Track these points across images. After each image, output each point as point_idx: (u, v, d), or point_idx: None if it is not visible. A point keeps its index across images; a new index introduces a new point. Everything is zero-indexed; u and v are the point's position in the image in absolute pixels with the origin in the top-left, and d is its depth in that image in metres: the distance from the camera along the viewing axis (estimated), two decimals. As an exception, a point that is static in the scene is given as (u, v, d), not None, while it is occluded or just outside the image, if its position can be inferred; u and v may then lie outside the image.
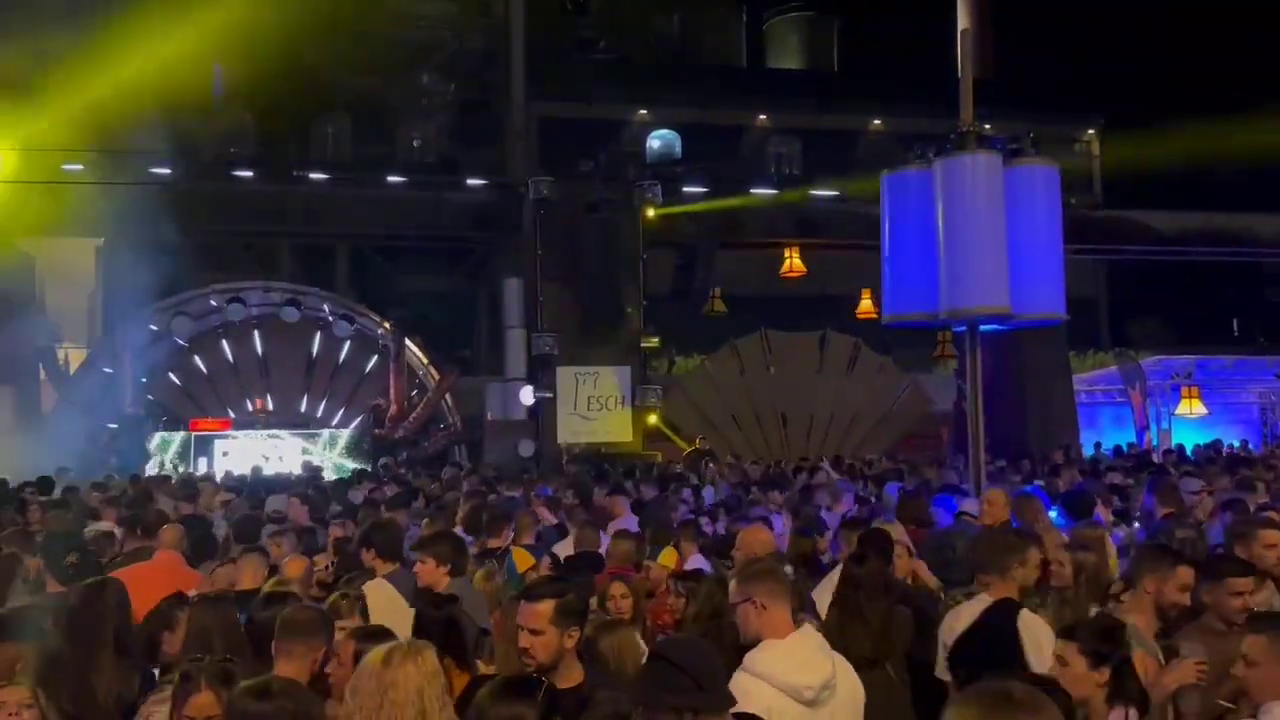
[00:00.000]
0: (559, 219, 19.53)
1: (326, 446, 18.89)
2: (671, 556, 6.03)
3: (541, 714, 2.78)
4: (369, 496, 10.38)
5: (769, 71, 32.36)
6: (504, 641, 4.60)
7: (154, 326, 19.55)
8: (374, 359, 21.17)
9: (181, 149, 21.49)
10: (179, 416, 19.64)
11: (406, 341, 20.19)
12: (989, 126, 8.53)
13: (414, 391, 20.59)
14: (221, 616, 4.04)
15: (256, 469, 16.52)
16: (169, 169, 21.33)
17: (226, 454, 18.39)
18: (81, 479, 12.70)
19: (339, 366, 21.30)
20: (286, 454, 18.55)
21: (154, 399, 20.05)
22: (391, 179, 24.05)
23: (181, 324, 19.73)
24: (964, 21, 9.56)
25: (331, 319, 20.66)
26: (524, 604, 3.48)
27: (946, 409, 19.91)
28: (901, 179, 8.19)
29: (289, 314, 19.81)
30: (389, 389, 20.03)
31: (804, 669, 3.67)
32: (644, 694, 2.86)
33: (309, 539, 7.02)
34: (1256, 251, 27.86)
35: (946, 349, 23.29)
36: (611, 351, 19.50)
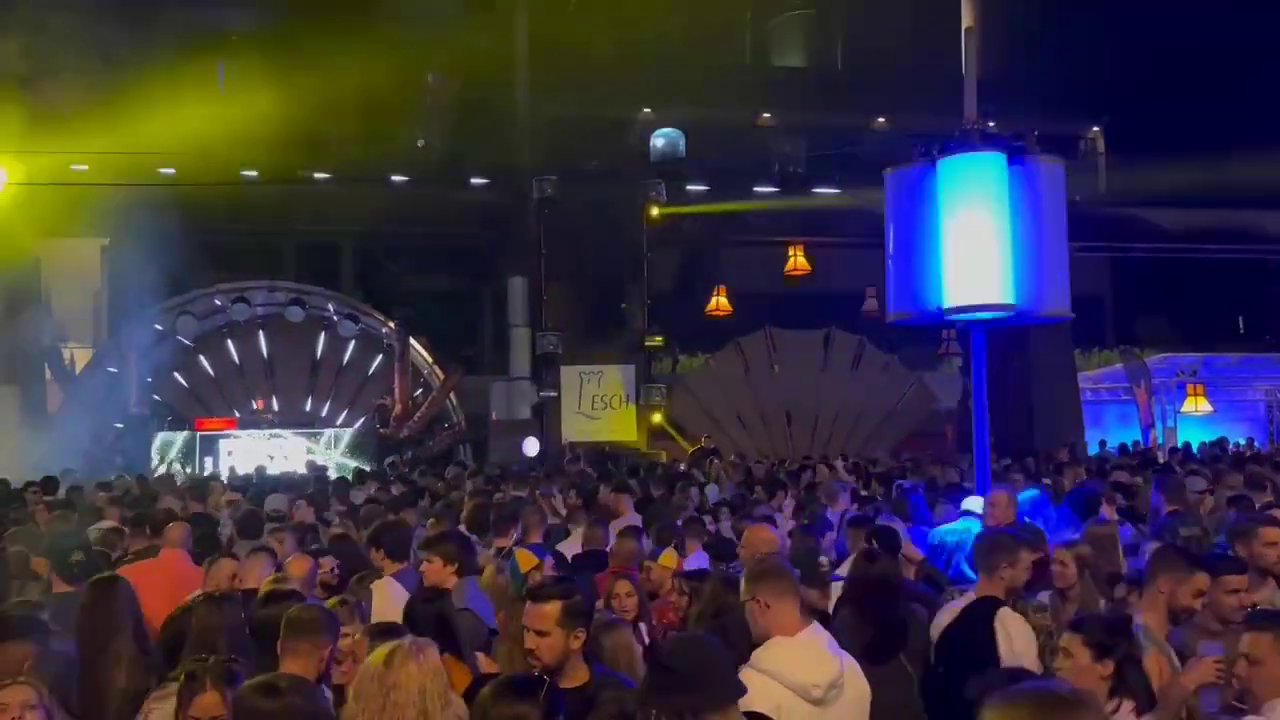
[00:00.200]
0: (563, 218, 19.54)
1: (329, 446, 18.91)
2: (671, 558, 6.02)
3: (544, 714, 2.77)
4: (371, 496, 10.37)
5: (773, 70, 32.32)
6: (507, 641, 4.60)
7: (159, 326, 19.58)
8: (379, 358, 21.19)
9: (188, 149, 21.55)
10: (184, 416, 19.67)
11: (411, 341, 20.21)
12: (993, 124, 8.50)
13: (418, 391, 20.60)
14: (226, 616, 4.03)
15: (261, 469, 16.55)
16: (174, 169, 21.36)
17: (231, 454, 18.42)
18: (86, 479, 12.73)
19: (344, 366, 21.32)
20: (290, 454, 18.57)
21: (159, 399, 20.09)
22: (396, 178, 24.05)
23: (186, 324, 19.77)
24: (968, 20, 9.52)
25: (336, 318, 20.68)
26: (530, 605, 3.48)
27: (951, 407, 19.90)
28: (905, 177, 8.16)
29: (294, 313, 19.84)
30: (394, 388, 20.05)
31: (812, 667, 3.67)
32: (644, 697, 2.86)
33: (312, 538, 7.02)
34: (1263, 249, 27.76)
35: (951, 347, 23.26)
36: (616, 350, 19.52)
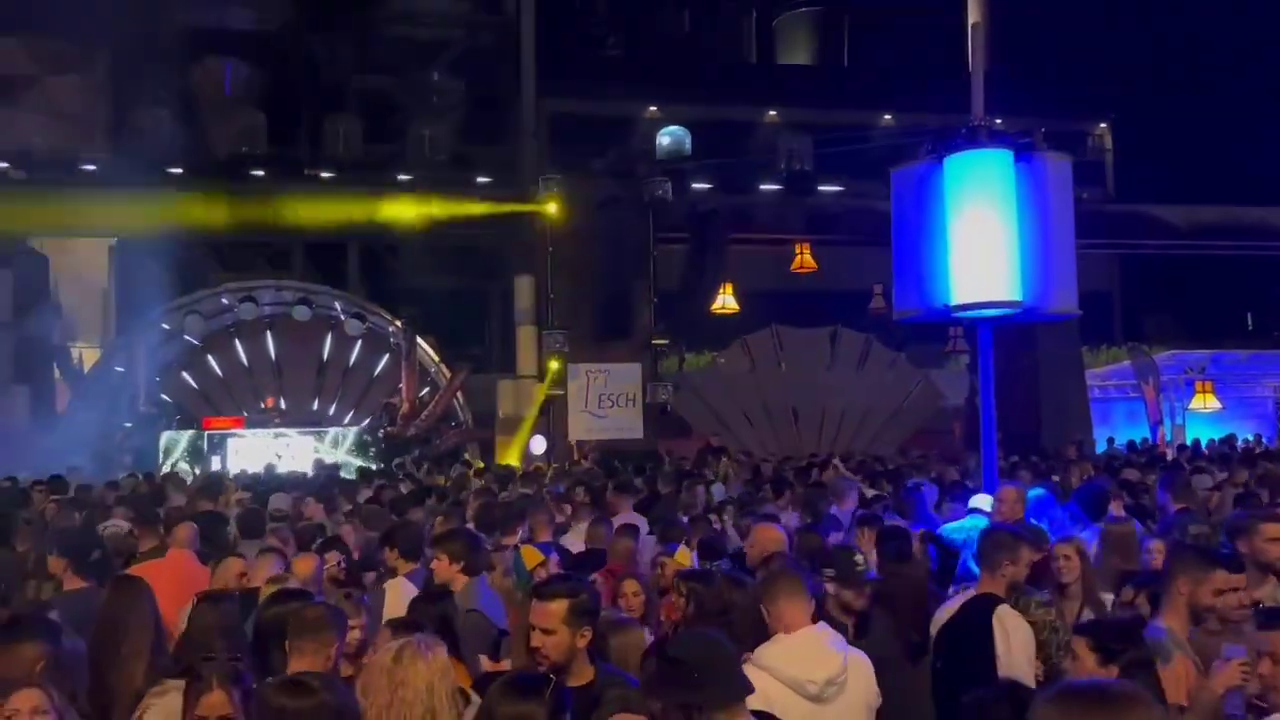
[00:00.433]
0: (570, 216, 19.55)
1: (334, 445, 18.93)
2: (686, 555, 6.03)
3: (551, 712, 2.77)
4: (375, 496, 10.37)
5: (779, 67, 32.28)
6: (520, 640, 4.61)
7: (166, 326, 19.64)
8: (385, 357, 21.23)
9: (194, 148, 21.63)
10: (192, 416, 19.73)
11: (418, 339, 20.23)
12: (1000, 121, 8.47)
13: (425, 389, 20.63)
14: (223, 615, 4.04)
15: (270, 467, 16.59)
16: (182, 169, 21.42)
17: (239, 453, 18.47)
18: (95, 478, 12.76)
19: (351, 365, 21.36)
20: (298, 452, 18.60)
21: (167, 398, 20.15)
22: (402, 177, 24.08)
23: (194, 323, 19.82)
24: (974, 16, 9.50)
25: (343, 317, 20.72)
26: (536, 603, 3.47)
27: (958, 404, 19.85)
28: (912, 174, 8.14)
29: (301, 312, 19.87)
30: (401, 387, 20.08)
31: (810, 663, 3.68)
32: (651, 692, 2.85)
33: (318, 536, 7.02)
34: (1271, 245, 27.64)
35: (958, 345, 23.22)
36: (622, 348, 19.51)
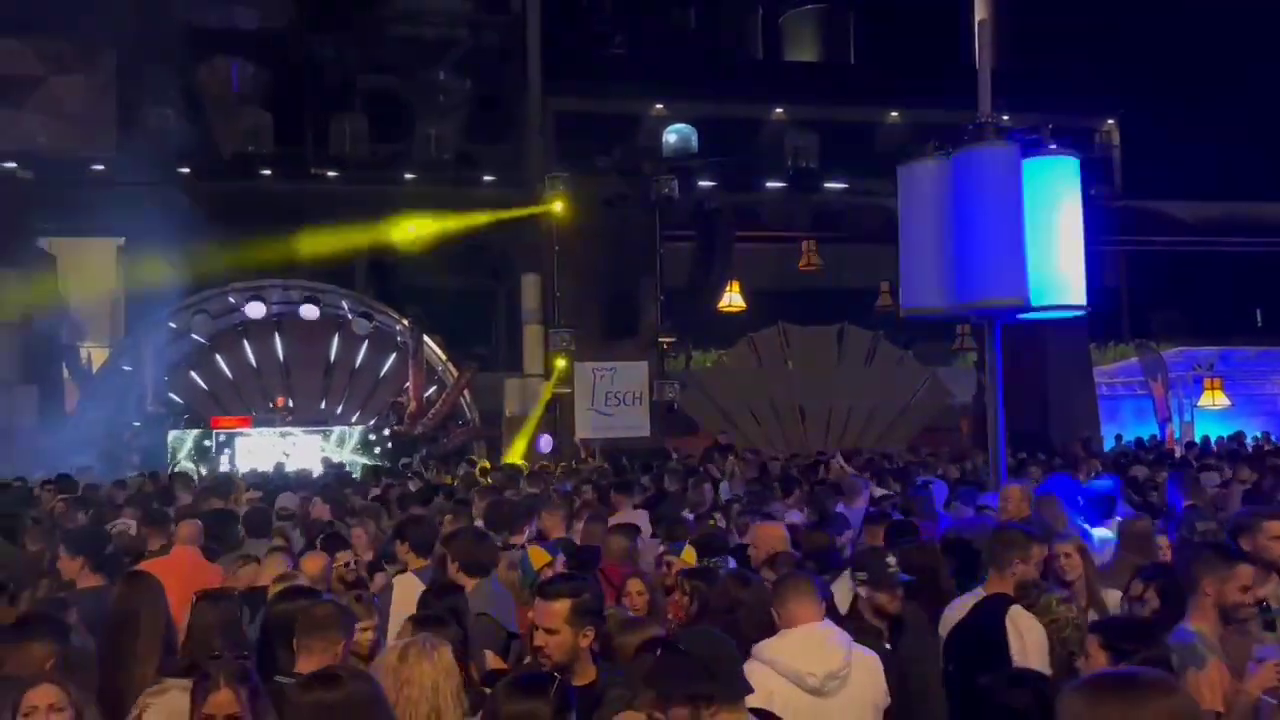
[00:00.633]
0: (576, 214, 19.55)
1: (339, 443, 18.95)
2: (692, 554, 6.03)
3: (555, 710, 2.78)
4: (382, 494, 10.37)
5: (785, 65, 32.23)
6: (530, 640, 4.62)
7: (173, 325, 19.69)
8: (393, 356, 21.26)
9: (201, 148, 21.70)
10: (200, 415, 19.78)
11: (425, 338, 20.25)
12: (1007, 118, 8.46)
13: (432, 388, 20.66)
14: (222, 614, 4.04)
15: (278, 466, 16.64)
16: (188, 169, 21.48)
17: (247, 452, 18.52)
18: (104, 478, 12.79)
19: (358, 364, 21.40)
20: (306, 451, 18.64)
21: (175, 397, 20.21)
22: (409, 176, 24.10)
23: (202, 322, 19.87)
24: (981, 12, 9.48)
25: (350, 316, 20.76)
26: (540, 602, 3.48)
27: (966, 402, 19.82)
28: (919, 171, 8.13)
29: (308, 311, 19.91)
30: (408, 386, 20.11)
31: (811, 657, 3.68)
32: (658, 684, 2.84)
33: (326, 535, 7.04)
34: (1280, 241, 27.57)
35: (965, 341, 23.16)
36: (629, 346, 19.50)
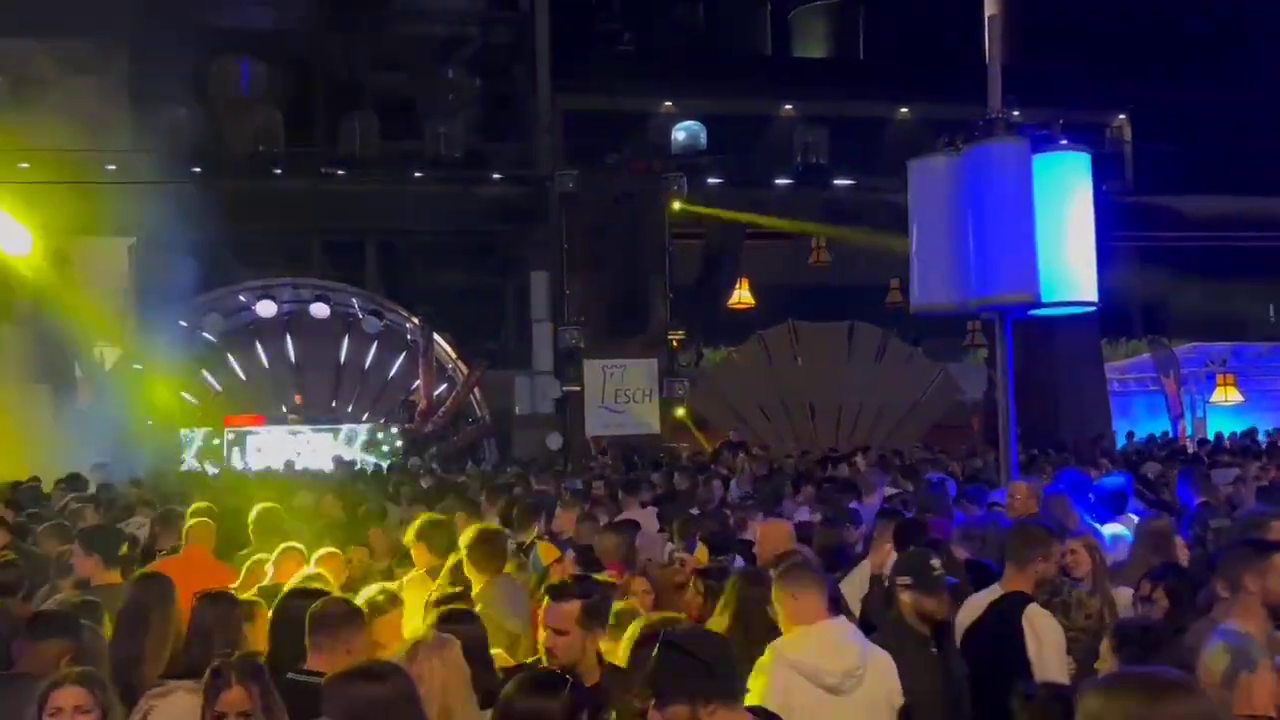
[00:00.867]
0: (585, 212, 19.56)
1: (347, 441, 18.99)
2: (704, 552, 6.04)
3: (569, 712, 2.79)
4: (392, 493, 10.40)
5: (794, 61, 32.17)
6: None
7: (184, 323, 19.78)
8: (403, 354, 21.31)
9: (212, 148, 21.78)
10: (212, 413, 19.86)
11: (435, 336, 20.30)
12: (1017, 113, 8.42)
13: (442, 386, 20.70)
14: (221, 614, 4.04)
15: (289, 464, 16.71)
16: (200, 168, 21.55)
17: (259, 450, 18.59)
18: (119, 477, 12.84)
19: (368, 362, 21.46)
20: (318, 449, 18.70)
21: (187, 396, 20.29)
22: (418, 174, 24.16)
23: (213, 321, 19.95)
24: (992, 8, 9.45)
25: (360, 315, 20.82)
26: (550, 604, 3.49)
27: (977, 398, 19.76)
28: (929, 167, 8.12)
29: (319, 310, 19.97)
30: (418, 384, 20.16)
31: (828, 655, 3.69)
32: (657, 683, 2.85)
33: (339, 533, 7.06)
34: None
35: (976, 338, 23.08)
36: (638, 344, 19.52)
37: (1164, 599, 4.36)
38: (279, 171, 23.55)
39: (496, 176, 24.55)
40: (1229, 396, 20.54)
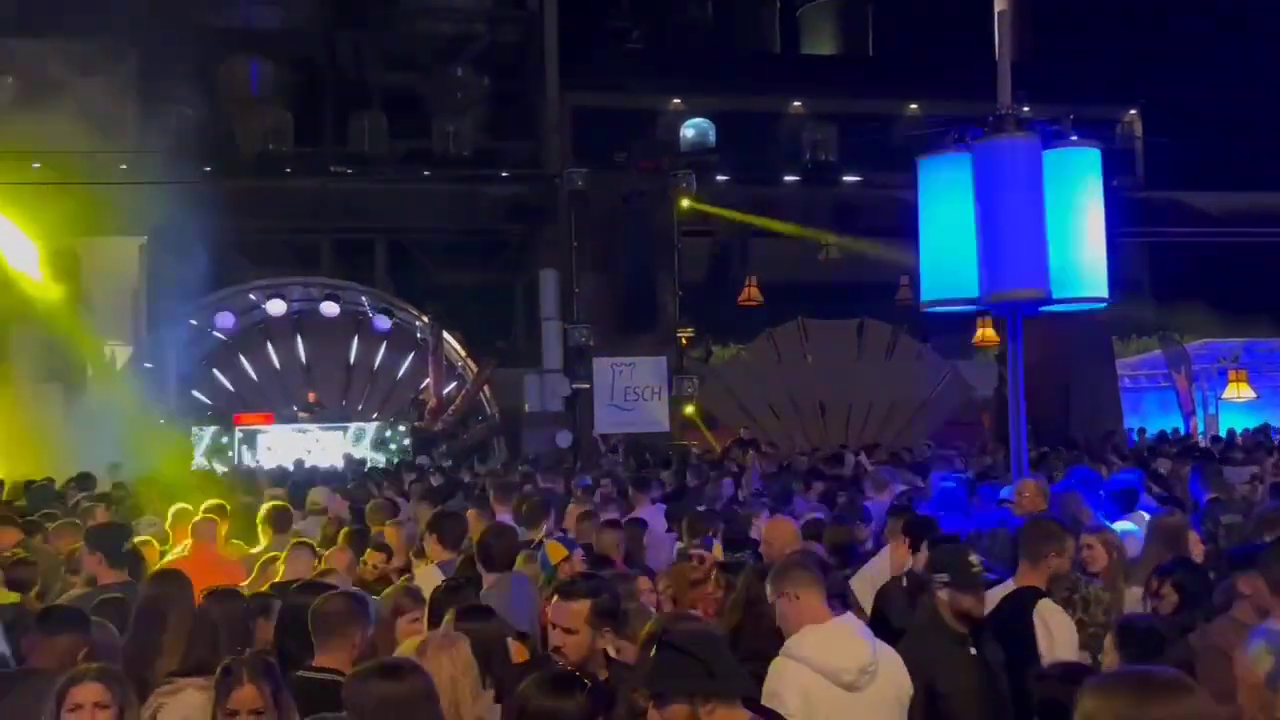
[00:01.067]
0: (594, 210, 19.56)
1: (355, 440, 19.01)
2: (720, 549, 6.04)
3: (587, 712, 2.80)
4: (386, 495, 10.37)
5: (803, 58, 32.12)
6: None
7: (194, 322, 19.85)
8: (412, 353, 21.34)
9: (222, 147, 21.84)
10: (223, 412, 19.93)
11: (444, 334, 20.33)
12: (1027, 109, 8.38)
13: (452, 384, 20.73)
14: (227, 613, 4.04)
15: (300, 462, 16.74)
16: (209, 168, 21.60)
17: (270, 448, 18.64)
18: (129, 476, 12.87)
19: (378, 360, 21.49)
20: (328, 447, 18.74)
21: (199, 394, 20.37)
22: (427, 173, 24.18)
23: (224, 320, 20.01)
24: (1001, 3, 9.41)
25: (370, 313, 20.85)
26: (559, 602, 3.48)
27: (987, 395, 19.70)
28: (939, 163, 8.08)
29: (329, 309, 20.01)
30: (428, 382, 20.18)
31: (842, 652, 3.69)
32: (656, 682, 2.84)
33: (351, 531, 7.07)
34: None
35: (986, 335, 23.01)
36: (648, 342, 19.52)
37: (1172, 594, 4.34)
38: (288, 171, 23.60)
39: (505, 175, 24.56)
40: (1241, 393, 20.42)
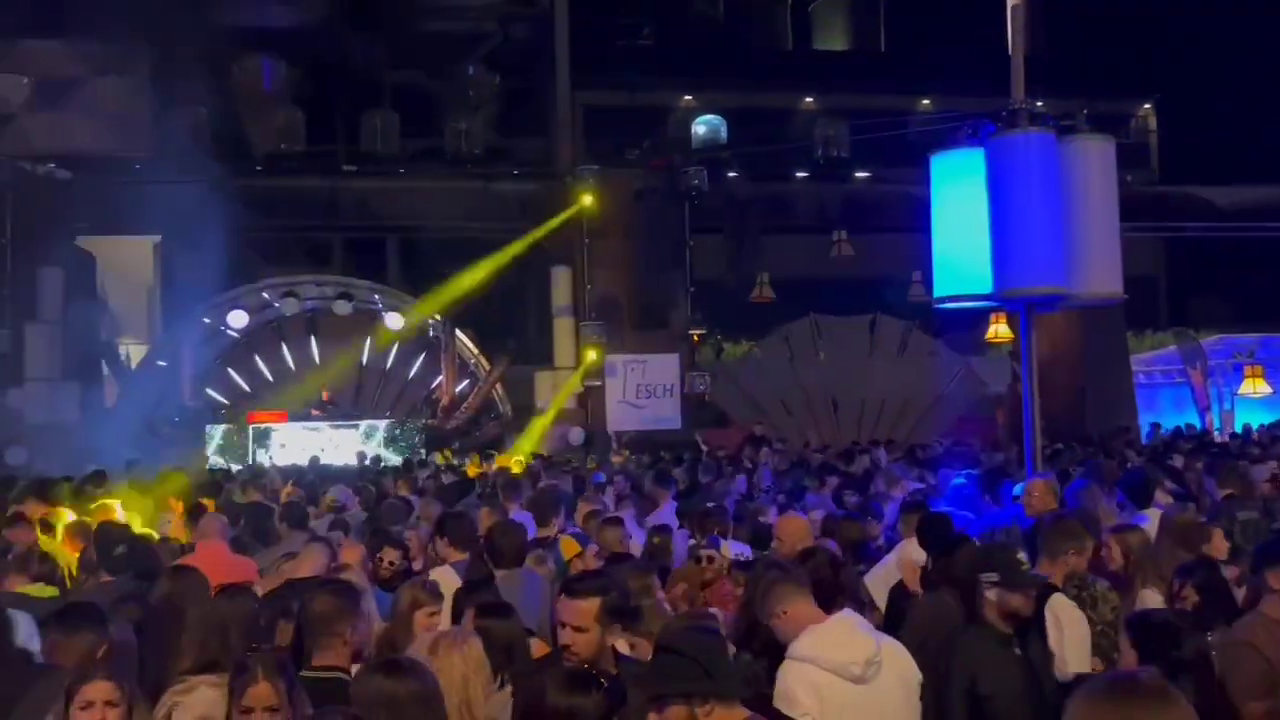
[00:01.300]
0: (606, 207, 19.57)
1: (365, 437, 19.06)
2: (728, 548, 6.04)
3: (599, 711, 2.81)
4: (395, 494, 10.39)
5: (815, 53, 32.03)
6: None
7: (208, 320, 19.94)
8: (425, 350, 21.38)
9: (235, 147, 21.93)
10: (236, 409, 20.01)
11: (456, 332, 20.35)
12: (1041, 103, 8.34)
13: (465, 382, 20.77)
14: (238, 610, 4.05)
15: (314, 460, 16.80)
16: (222, 167, 21.68)
17: (283, 446, 18.70)
18: (146, 474, 12.94)
19: (390, 358, 21.55)
20: (341, 444, 18.79)
21: (212, 392, 20.47)
22: (439, 171, 24.22)
23: (237, 318, 20.09)
24: (1014, -3, 9.35)
25: (383, 311, 20.91)
26: (567, 600, 3.47)
27: (1001, 391, 19.63)
28: (952, 159, 8.05)
29: (341, 307, 20.07)
30: (440, 380, 20.23)
31: (845, 647, 3.72)
32: (654, 685, 2.85)
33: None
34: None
35: (999, 331, 22.92)
36: (660, 339, 19.52)
37: (1193, 595, 4.31)
38: (301, 170, 23.67)
39: (517, 172, 24.57)
40: (1257, 388, 20.29)
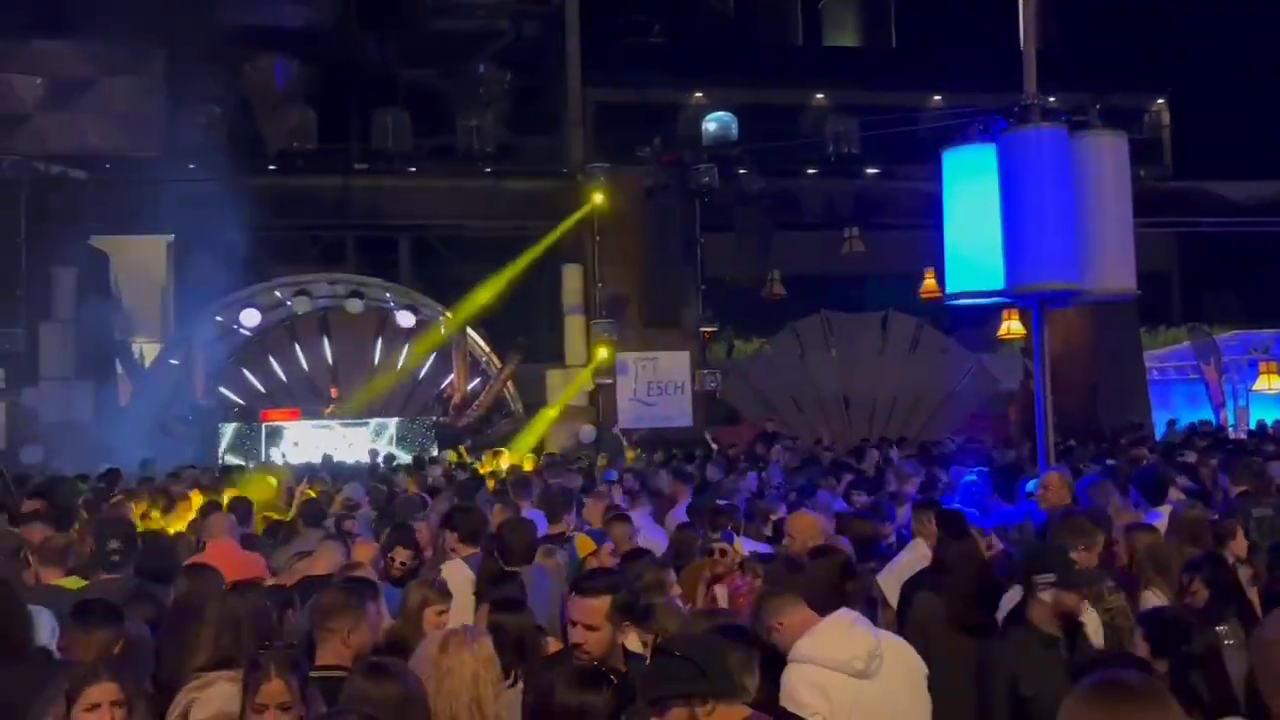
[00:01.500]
0: (616, 205, 19.58)
1: (375, 435, 19.10)
2: (740, 545, 6.04)
3: (610, 709, 2.81)
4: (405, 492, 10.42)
5: (825, 50, 31.94)
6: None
7: (220, 319, 20.02)
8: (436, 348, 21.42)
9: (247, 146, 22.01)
10: (249, 408, 20.09)
11: (468, 330, 20.39)
12: (1053, 99, 8.31)
13: (476, 380, 20.80)
14: (250, 606, 4.05)
15: (327, 458, 16.86)
16: (235, 166, 21.76)
17: (296, 444, 18.78)
18: (164, 472, 13.02)
19: (402, 356, 21.60)
20: (354, 442, 18.85)
21: (225, 390, 20.55)
22: (450, 169, 24.26)
23: (250, 317, 20.18)
24: (1026, -9, 9.31)
25: (395, 309, 20.96)
26: (578, 598, 3.47)
27: (1013, 388, 19.57)
28: (963, 155, 8.03)
29: (353, 305, 20.13)
30: (452, 378, 20.26)
31: (845, 644, 3.73)
32: (653, 688, 2.86)
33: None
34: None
35: (1012, 327, 22.83)
36: (670, 336, 19.51)
37: (1203, 590, 4.29)
38: (313, 168, 23.74)
39: (527, 170, 24.60)
40: (1272, 384, 20.17)
